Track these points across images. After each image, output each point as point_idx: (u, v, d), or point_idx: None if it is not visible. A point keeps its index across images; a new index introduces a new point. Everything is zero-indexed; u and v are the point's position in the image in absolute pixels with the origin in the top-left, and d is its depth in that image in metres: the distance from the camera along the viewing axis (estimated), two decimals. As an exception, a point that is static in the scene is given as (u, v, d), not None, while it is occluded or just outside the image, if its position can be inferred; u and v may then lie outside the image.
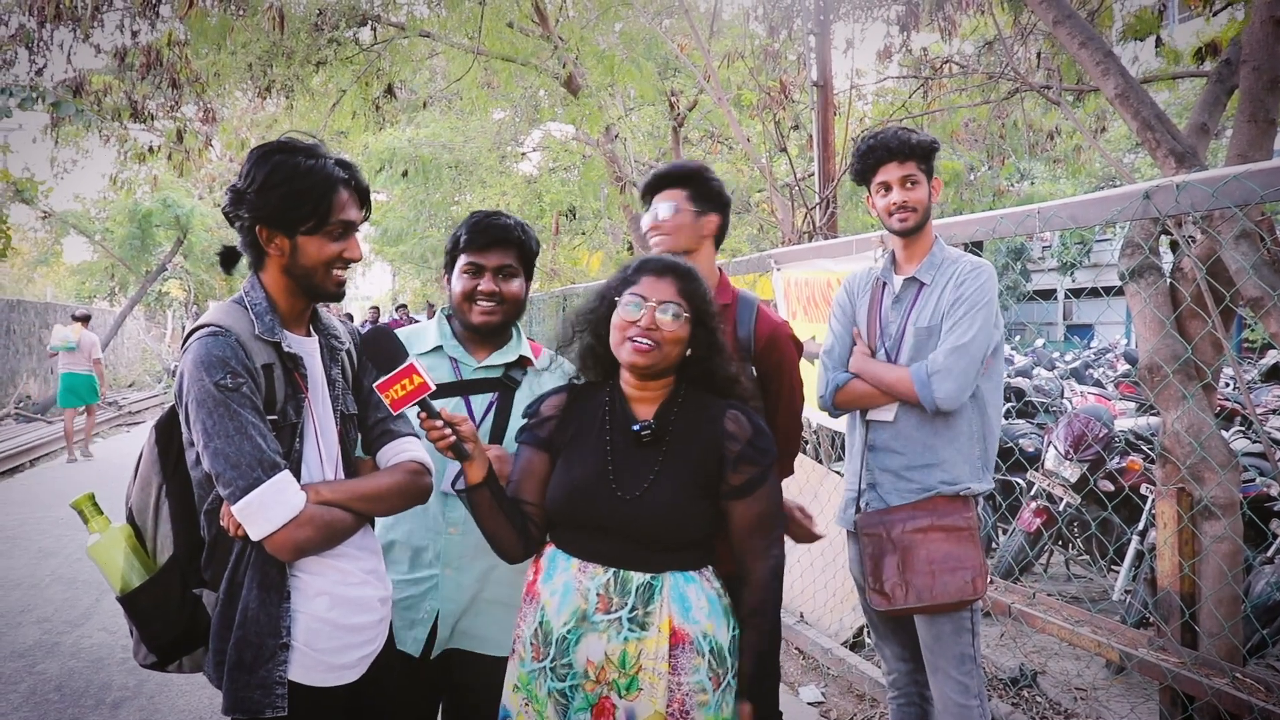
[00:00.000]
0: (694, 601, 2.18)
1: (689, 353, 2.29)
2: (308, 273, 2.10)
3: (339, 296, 2.18)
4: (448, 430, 2.16)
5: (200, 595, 2.11)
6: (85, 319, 14.37)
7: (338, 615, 2.09)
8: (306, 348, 2.18)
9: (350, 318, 9.90)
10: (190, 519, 2.10)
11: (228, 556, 2.03)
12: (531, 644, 2.23)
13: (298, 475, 2.05)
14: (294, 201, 2.04)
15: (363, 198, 2.18)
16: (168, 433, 2.12)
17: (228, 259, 2.19)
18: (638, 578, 2.17)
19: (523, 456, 2.37)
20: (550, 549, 2.31)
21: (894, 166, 3.04)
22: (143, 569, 2.11)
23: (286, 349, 2.09)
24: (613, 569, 2.18)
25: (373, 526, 2.31)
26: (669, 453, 2.24)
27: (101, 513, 2.16)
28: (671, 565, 2.20)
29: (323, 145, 2.16)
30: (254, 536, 1.94)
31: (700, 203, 2.91)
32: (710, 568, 2.29)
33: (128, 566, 2.10)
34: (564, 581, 2.22)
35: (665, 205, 2.89)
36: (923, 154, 3.04)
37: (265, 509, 1.92)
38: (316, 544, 2.01)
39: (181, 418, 2.02)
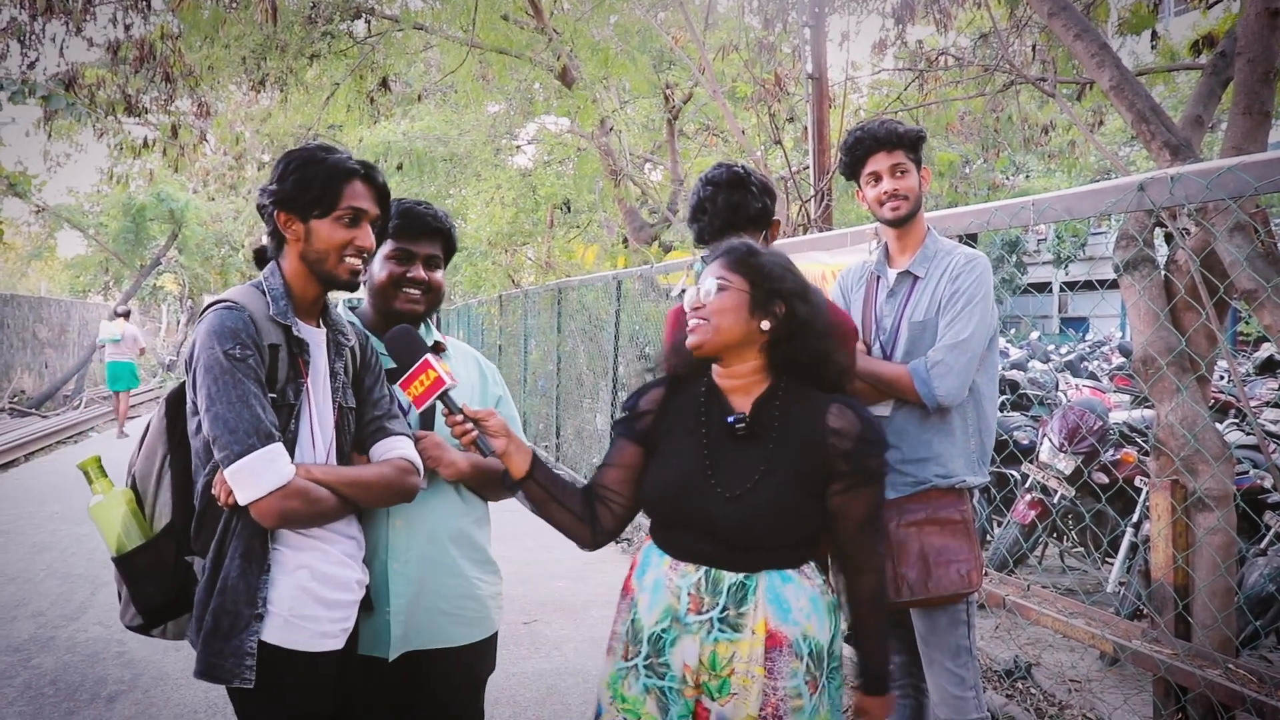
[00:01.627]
0: (793, 602, 2.10)
1: (764, 330, 2.17)
2: (321, 258, 2.19)
3: (352, 286, 2.24)
4: (469, 425, 2.17)
5: (192, 563, 2.19)
6: (126, 315, 16.24)
7: (317, 588, 2.15)
8: (314, 336, 2.26)
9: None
10: (189, 489, 2.18)
11: (216, 525, 2.10)
12: (624, 641, 2.21)
13: (291, 455, 2.10)
14: (305, 185, 2.15)
15: (380, 195, 2.26)
16: (177, 405, 2.23)
17: (260, 259, 2.30)
18: (729, 577, 2.11)
19: (616, 446, 2.36)
20: (647, 544, 2.29)
21: (882, 156, 3.03)
22: (139, 533, 2.22)
23: (295, 333, 2.18)
24: (705, 568, 2.13)
25: (359, 520, 2.35)
26: (772, 449, 2.15)
27: (105, 475, 2.26)
28: (767, 564, 2.12)
29: (343, 148, 2.26)
30: (242, 500, 2.01)
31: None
32: (811, 564, 2.21)
33: (125, 528, 2.21)
34: (655, 579, 2.20)
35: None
36: (910, 143, 3.02)
37: (256, 474, 1.99)
38: (301, 517, 2.09)
39: (188, 384, 2.12)
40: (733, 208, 2.94)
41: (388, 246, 2.58)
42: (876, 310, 3.15)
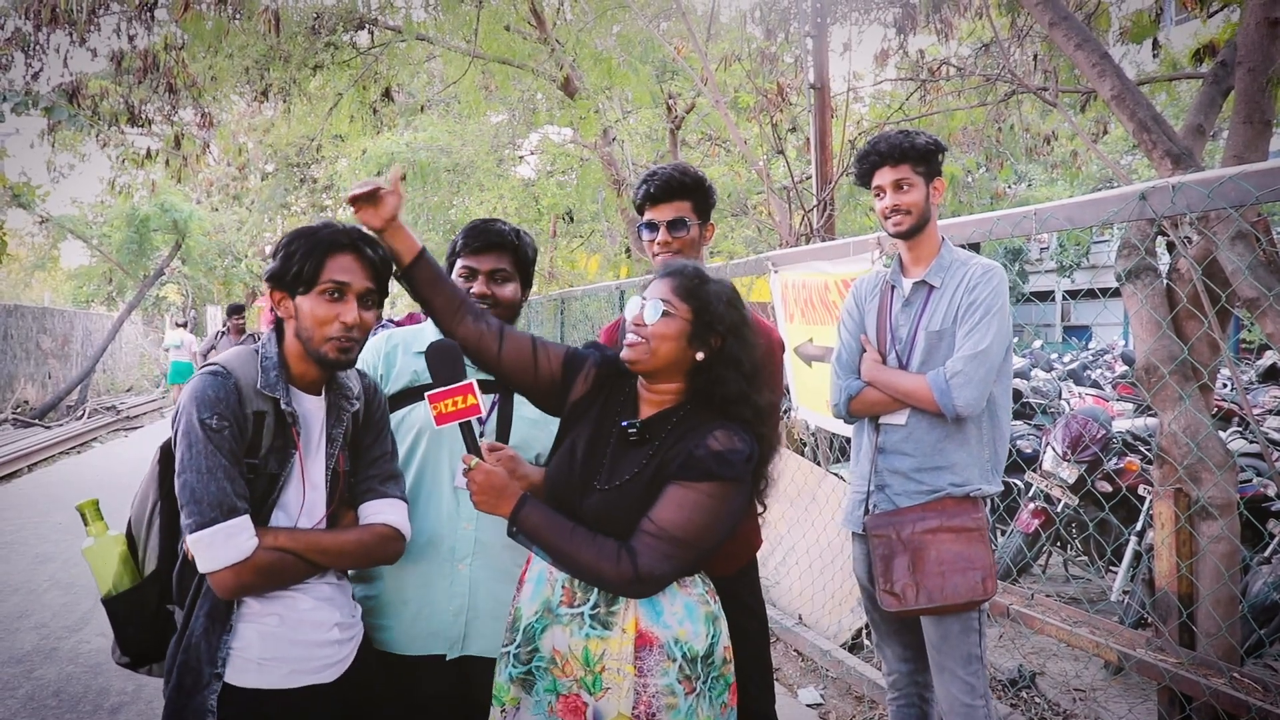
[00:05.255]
0: (666, 606, 2.15)
1: (697, 361, 2.22)
2: (309, 336, 2.15)
3: (341, 365, 2.20)
4: (473, 465, 2.17)
5: (174, 611, 2.21)
6: (185, 325, 20.14)
7: (288, 632, 2.15)
8: (308, 407, 2.24)
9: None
10: (176, 537, 2.19)
11: (191, 580, 2.13)
12: (507, 629, 2.28)
13: (269, 520, 2.13)
14: (289, 259, 2.14)
15: (374, 267, 2.21)
16: (169, 455, 2.18)
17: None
18: None
19: (555, 347, 2.44)
20: None
21: (887, 170, 3.05)
22: (129, 577, 2.25)
23: (284, 407, 2.15)
24: None
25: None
26: (654, 457, 2.19)
27: (101, 518, 2.29)
28: None
29: (340, 224, 2.23)
30: (201, 569, 2.03)
31: (702, 215, 2.96)
32: (695, 575, 2.24)
33: (116, 572, 2.24)
34: (539, 570, 2.25)
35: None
36: (918, 156, 3.03)
37: (214, 548, 2.00)
38: (258, 588, 2.10)
39: (173, 443, 2.11)
40: None
41: (458, 265, 2.65)
42: (892, 320, 3.16)
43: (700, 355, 2.21)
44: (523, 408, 2.62)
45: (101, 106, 11.29)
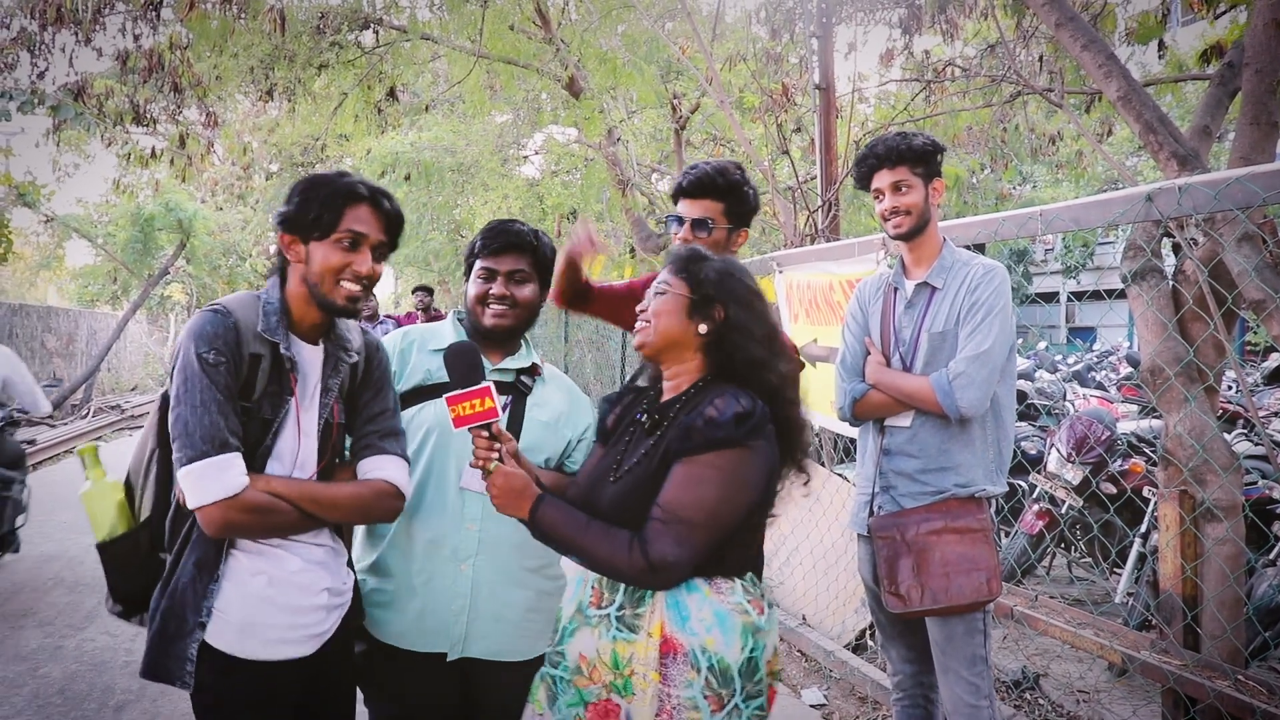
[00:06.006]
0: (693, 611, 2.05)
1: (701, 334, 2.19)
2: (318, 281, 2.15)
3: (351, 313, 2.22)
4: (496, 452, 2.15)
5: (165, 559, 2.19)
6: None
7: (275, 594, 2.15)
8: (306, 355, 2.23)
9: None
10: (170, 484, 2.17)
11: (181, 527, 2.13)
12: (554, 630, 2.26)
13: (264, 468, 2.12)
14: (306, 205, 2.14)
15: (388, 221, 2.22)
16: (168, 403, 2.20)
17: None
18: None
19: (593, 451, 2.42)
20: None
21: (885, 173, 3.06)
22: (124, 523, 2.25)
23: (284, 351, 2.15)
24: None
25: (341, 535, 2.37)
26: (661, 438, 2.14)
27: (100, 464, 2.29)
28: None
29: (357, 174, 2.24)
30: (189, 504, 2.02)
31: (735, 219, 2.98)
32: (737, 582, 2.13)
33: (111, 518, 2.23)
34: (579, 571, 2.23)
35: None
36: (915, 158, 3.03)
37: (203, 481, 1.99)
38: (247, 529, 2.09)
39: (168, 378, 2.11)
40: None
41: (476, 265, 2.66)
42: (895, 322, 3.16)
43: (704, 327, 2.19)
44: (535, 410, 2.63)
45: (107, 106, 11.30)
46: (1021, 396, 8.77)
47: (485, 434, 2.16)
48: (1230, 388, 8.93)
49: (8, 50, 10.61)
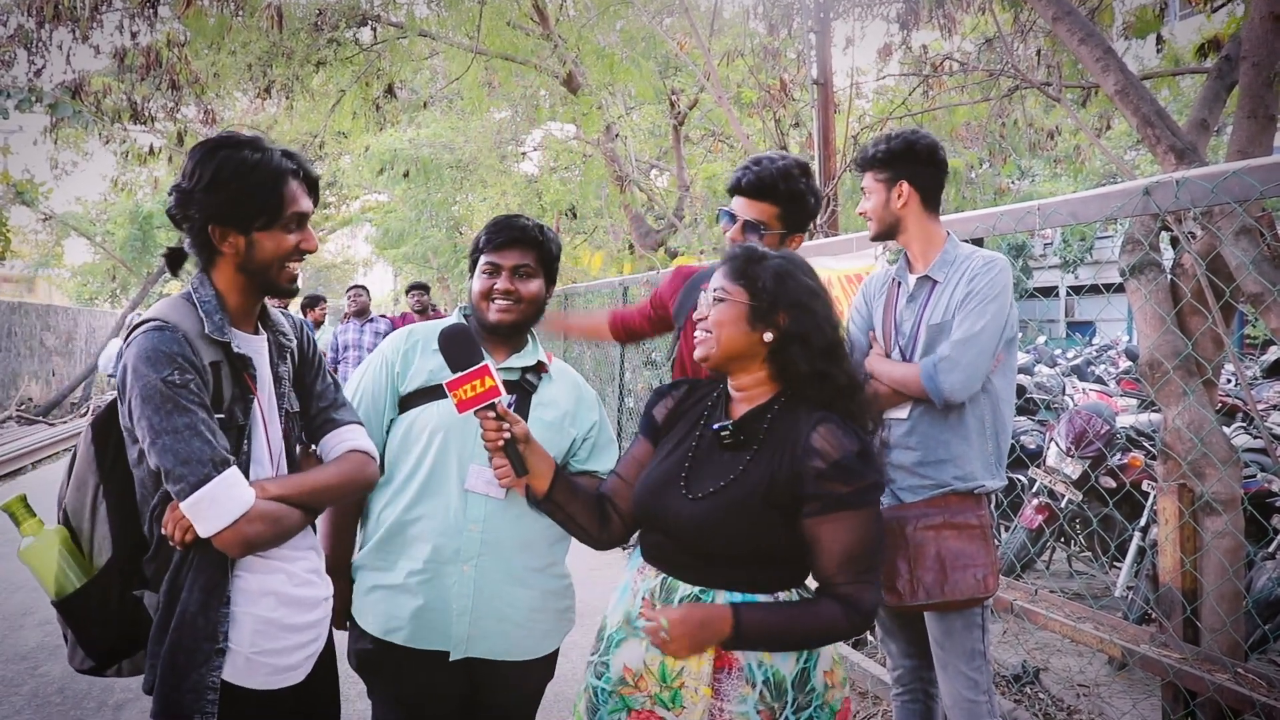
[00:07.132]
0: None
1: (767, 342, 2.10)
2: (264, 268, 2.06)
3: (293, 292, 2.16)
4: (505, 430, 2.14)
5: (141, 597, 2.05)
6: None
7: (284, 615, 2.07)
8: (255, 346, 2.14)
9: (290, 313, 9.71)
10: (130, 519, 2.04)
11: (170, 558, 1.98)
12: (596, 638, 2.23)
13: (246, 475, 2.01)
14: (246, 198, 2.00)
15: (311, 186, 2.13)
16: (105, 431, 2.07)
17: (174, 260, 2.12)
18: (684, 588, 2.06)
19: (635, 442, 2.35)
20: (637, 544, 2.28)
21: (862, 177, 3.12)
22: (80, 572, 2.06)
23: (236, 349, 2.04)
24: (663, 575, 2.11)
25: (314, 530, 2.30)
26: (752, 461, 2.07)
27: (34, 514, 2.10)
28: (729, 582, 2.04)
29: (265, 138, 2.11)
30: (204, 533, 1.89)
31: (790, 224, 3.02)
32: (791, 592, 2.09)
33: (63, 570, 2.05)
34: (626, 580, 2.20)
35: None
36: (876, 164, 3.05)
37: (217, 504, 1.88)
38: (267, 539, 1.98)
39: (124, 414, 1.97)
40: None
41: (481, 261, 2.62)
42: (897, 315, 3.16)
43: (769, 336, 2.09)
44: (540, 410, 2.60)
45: (105, 103, 11.31)
46: (1020, 391, 8.77)
47: (492, 414, 2.14)
48: (1229, 381, 8.93)
49: (5, 48, 10.61)
